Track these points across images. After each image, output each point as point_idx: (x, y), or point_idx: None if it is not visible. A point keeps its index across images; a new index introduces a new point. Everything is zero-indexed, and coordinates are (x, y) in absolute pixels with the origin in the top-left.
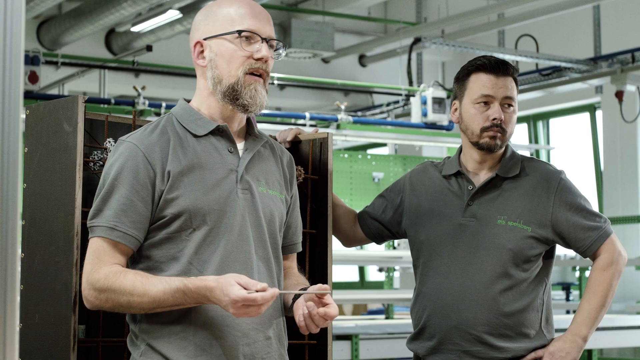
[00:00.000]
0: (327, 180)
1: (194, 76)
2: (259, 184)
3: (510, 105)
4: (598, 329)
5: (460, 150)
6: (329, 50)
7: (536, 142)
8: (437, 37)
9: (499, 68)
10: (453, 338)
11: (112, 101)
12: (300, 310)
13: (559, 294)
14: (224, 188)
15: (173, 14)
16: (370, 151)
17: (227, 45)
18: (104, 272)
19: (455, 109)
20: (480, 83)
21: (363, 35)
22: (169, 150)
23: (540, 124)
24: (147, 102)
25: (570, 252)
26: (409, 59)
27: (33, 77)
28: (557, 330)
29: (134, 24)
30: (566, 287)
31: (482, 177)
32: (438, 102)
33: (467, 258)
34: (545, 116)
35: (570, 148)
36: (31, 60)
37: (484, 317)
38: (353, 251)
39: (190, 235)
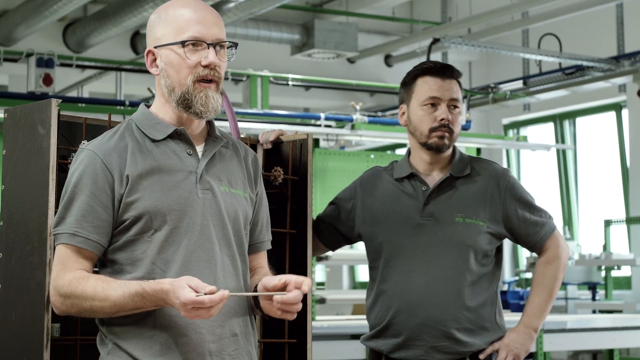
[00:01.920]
0: (307, 181)
1: (224, 78)
2: (220, 183)
3: (455, 107)
4: (622, 329)
5: (408, 153)
6: (352, 50)
7: (562, 141)
8: (456, 37)
9: (444, 71)
10: (421, 334)
11: (127, 103)
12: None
13: (585, 294)
14: (184, 189)
15: None
16: (398, 152)
17: (174, 55)
18: (68, 278)
19: (403, 113)
20: (427, 86)
21: (388, 35)
22: (127, 155)
23: (566, 123)
24: None
25: (595, 252)
26: (428, 59)
27: (47, 80)
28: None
29: None
30: (592, 287)
31: (434, 177)
32: None
33: (428, 256)
34: (572, 115)
35: (597, 147)
36: (45, 62)
37: (450, 312)
38: None
39: (152, 236)
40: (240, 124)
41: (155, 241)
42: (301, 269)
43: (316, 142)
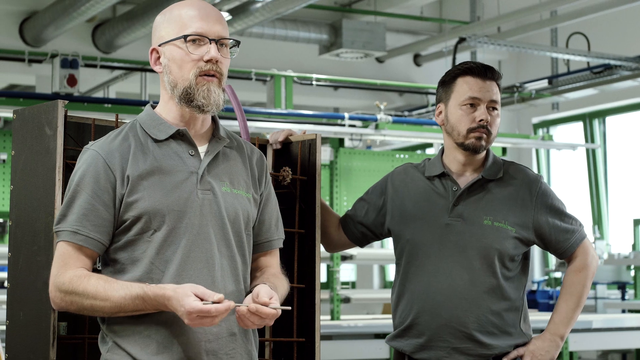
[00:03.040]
0: (315, 181)
1: (246, 78)
2: (222, 184)
3: (494, 108)
4: None
5: (441, 152)
6: (380, 50)
7: (592, 140)
8: (482, 36)
9: (485, 72)
10: (443, 335)
11: (152, 103)
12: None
13: (614, 293)
14: (184, 190)
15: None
16: (428, 151)
17: (177, 51)
18: (69, 276)
19: (440, 112)
20: (467, 86)
21: (417, 34)
22: (129, 155)
23: (596, 122)
24: None
25: (624, 251)
26: (454, 59)
27: (72, 80)
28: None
29: None
30: (621, 286)
31: (466, 178)
32: None
33: (455, 257)
34: (602, 114)
35: (627, 146)
36: (70, 63)
37: (473, 314)
38: None
39: (151, 236)
40: (265, 124)
41: (155, 241)
42: (309, 268)
43: (341, 141)
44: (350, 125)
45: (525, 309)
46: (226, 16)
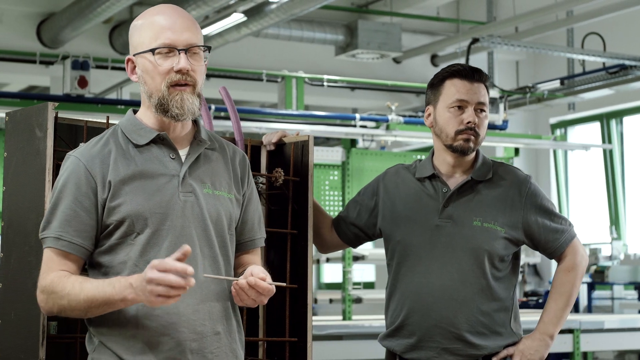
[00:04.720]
0: (307, 182)
1: (258, 79)
2: (203, 186)
3: (482, 110)
4: None
5: (432, 154)
6: (396, 50)
7: (609, 141)
8: (496, 36)
9: (473, 75)
10: (433, 336)
11: None
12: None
13: (631, 294)
14: (166, 193)
15: (238, 17)
16: None
17: (147, 63)
18: (51, 277)
19: (429, 114)
20: (454, 88)
21: (434, 35)
22: (110, 161)
23: (613, 122)
24: None
25: None
26: (467, 59)
27: (82, 82)
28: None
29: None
30: (638, 287)
31: (456, 180)
32: (491, 102)
33: (445, 258)
34: (619, 114)
35: None
36: (81, 65)
37: (463, 315)
38: None
39: (135, 239)
40: (276, 125)
41: (138, 244)
42: (302, 269)
43: (352, 142)
44: (362, 126)
45: (516, 308)
46: (241, 17)
